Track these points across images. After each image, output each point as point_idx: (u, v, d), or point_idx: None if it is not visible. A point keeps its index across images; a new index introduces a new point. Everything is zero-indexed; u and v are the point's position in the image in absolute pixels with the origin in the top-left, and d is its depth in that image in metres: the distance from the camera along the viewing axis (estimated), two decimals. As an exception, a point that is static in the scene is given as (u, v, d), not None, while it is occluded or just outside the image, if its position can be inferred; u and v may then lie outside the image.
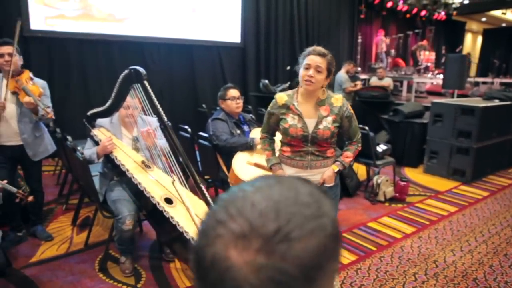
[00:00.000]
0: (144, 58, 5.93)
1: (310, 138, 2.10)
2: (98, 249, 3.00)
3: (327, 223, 0.45)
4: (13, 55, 2.73)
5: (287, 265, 0.41)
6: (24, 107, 2.76)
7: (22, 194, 2.04)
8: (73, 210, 3.64)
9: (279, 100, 2.17)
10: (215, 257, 0.43)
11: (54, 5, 5.16)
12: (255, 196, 0.45)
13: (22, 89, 2.67)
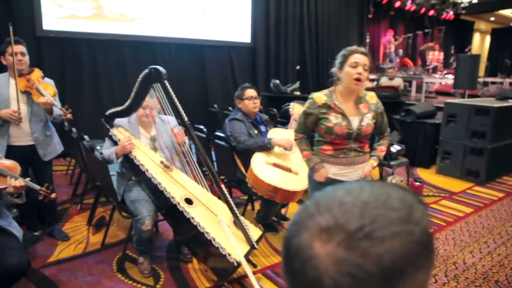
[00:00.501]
0: (155, 58, 5.92)
1: (354, 135, 2.18)
2: (114, 249, 3.00)
3: (415, 229, 0.46)
4: (25, 53, 2.72)
5: (366, 262, 0.43)
6: (35, 106, 2.74)
7: (45, 192, 2.03)
8: (87, 210, 3.65)
9: (318, 100, 2.19)
10: (300, 246, 0.46)
11: (66, 5, 5.17)
12: (345, 196, 0.48)
13: (36, 88, 2.65)
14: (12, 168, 2.06)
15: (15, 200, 2.06)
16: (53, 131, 2.98)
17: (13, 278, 2.06)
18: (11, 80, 2.72)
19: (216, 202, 2.58)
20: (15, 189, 1.98)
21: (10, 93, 2.70)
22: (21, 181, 1.98)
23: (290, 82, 6.72)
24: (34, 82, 2.66)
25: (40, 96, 2.63)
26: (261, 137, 3.08)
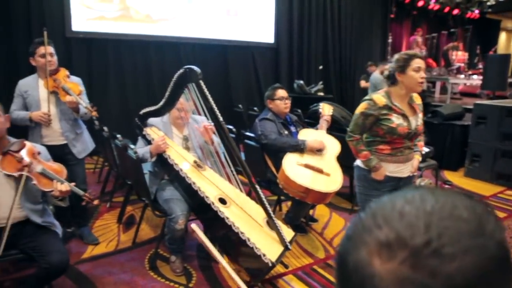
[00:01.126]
0: (180, 58, 5.97)
1: (412, 134, 2.29)
2: (145, 247, 3.03)
3: (489, 244, 0.40)
4: (54, 54, 2.77)
5: (435, 283, 0.38)
6: (63, 106, 2.77)
7: (88, 198, 2.06)
8: (117, 208, 3.70)
9: (379, 102, 2.24)
10: (358, 263, 0.43)
11: (95, 7, 5.26)
12: (405, 206, 0.43)
13: (62, 88, 2.69)
14: (59, 172, 2.10)
15: (59, 203, 2.08)
16: (84, 129, 3.01)
17: (56, 274, 2.10)
18: (39, 81, 2.77)
19: (249, 202, 2.58)
20: (61, 193, 2.01)
21: (40, 94, 2.75)
22: (67, 186, 2.01)
23: (313, 82, 6.69)
24: (60, 82, 2.70)
25: (66, 95, 2.66)
26: (292, 137, 3.06)
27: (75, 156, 2.88)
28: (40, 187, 2.03)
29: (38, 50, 2.69)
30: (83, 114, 2.82)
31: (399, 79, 2.22)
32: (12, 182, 2.06)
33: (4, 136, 2.08)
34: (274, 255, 2.30)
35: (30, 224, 2.12)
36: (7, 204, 2.04)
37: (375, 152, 2.33)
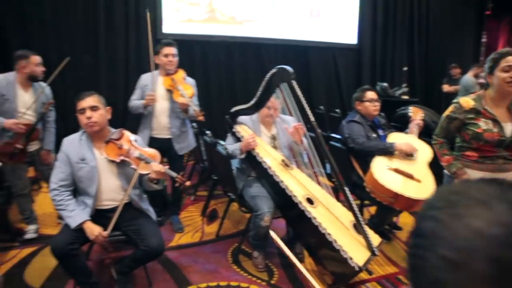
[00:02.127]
0: (262, 59, 6.10)
1: (507, 142, 2.06)
2: (228, 241, 3.13)
3: None
4: (176, 55, 2.98)
5: None
6: (175, 103, 2.98)
7: (181, 179, 2.18)
8: (200, 201, 3.87)
9: (466, 105, 2.12)
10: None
11: (184, 10, 5.57)
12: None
13: (177, 88, 2.88)
14: (153, 156, 2.26)
15: (154, 186, 2.24)
16: (189, 128, 3.21)
17: (152, 257, 2.26)
18: (159, 78, 3.00)
19: (336, 204, 2.54)
20: (156, 175, 2.15)
21: (158, 89, 2.98)
22: (161, 167, 2.15)
23: (397, 85, 6.39)
24: (176, 82, 2.90)
25: (179, 96, 2.85)
26: (380, 140, 2.96)
27: (175, 152, 3.07)
28: (138, 170, 2.19)
29: (162, 50, 2.94)
30: (190, 116, 2.99)
31: (489, 81, 2.08)
32: (114, 167, 2.25)
33: (106, 127, 2.27)
34: (361, 259, 2.24)
35: (131, 208, 2.31)
36: (109, 188, 2.24)
37: (461, 158, 2.20)
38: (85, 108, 2.12)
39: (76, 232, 2.10)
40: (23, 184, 3.01)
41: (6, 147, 2.78)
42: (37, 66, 2.89)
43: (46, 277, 2.57)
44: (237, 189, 2.76)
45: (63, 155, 2.20)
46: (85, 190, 2.20)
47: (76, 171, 2.18)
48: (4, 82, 2.79)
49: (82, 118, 2.14)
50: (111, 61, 5.44)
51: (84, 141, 2.22)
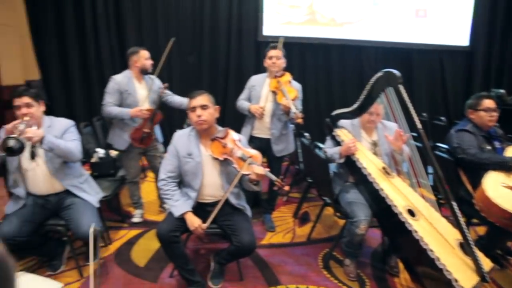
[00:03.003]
0: (361, 62, 5.91)
1: None
2: (319, 245, 3.10)
3: None
4: (280, 58, 3.06)
5: None
6: (278, 106, 3.04)
7: (280, 183, 2.21)
8: (292, 202, 3.91)
9: None
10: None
11: (284, 13, 5.65)
12: None
13: (281, 90, 2.95)
14: (255, 158, 2.32)
15: (253, 187, 2.29)
16: (290, 131, 3.26)
17: (244, 253, 2.34)
18: (267, 80, 3.13)
19: (440, 219, 2.35)
20: (257, 177, 2.21)
21: (263, 91, 3.11)
22: (262, 170, 2.21)
23: (515, 92, 5.67)
24: (281, 85, 2.97)
25: (282, 97, 2.92)
26: (496, 153, 2.67)
27: (273, 153, 3.14)
28: (239, 170, 2.27)
29: (268, 53, 3.07)
30: (290, 118, 3.03)
31: None
32: (217, 165, 2.37)
33: (214, 125, 2.40)
34: (468, 284, 2.04)
35: (228, 204, 2.41)
36: (211, 184, 2.37)
37: None
38: (196, 107, 2.28)
39: (178, 221, 2.27)
40: (135, 172, 3.34)
41: (137, 133, 3.12)
42: (146, 59, 3.16)
43: (149, 257, 2.84)
44: (333, 193, 2.72)
45: (172, 148, 2.39)
46: (189, 183, 2.37)
47: (183, 165, 2.35)
48: (125, 79, 3.13)
49: (193, 116, 2.30)
50: (213, 61, 5.75)
51: (193, 137, 2.38)
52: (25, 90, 2.37)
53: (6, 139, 2.03)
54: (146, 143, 3.16)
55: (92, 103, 5.74)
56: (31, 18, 5.44)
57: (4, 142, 2.02)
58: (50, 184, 2.45)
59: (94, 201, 2.57)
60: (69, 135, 2.50)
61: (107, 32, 5.51)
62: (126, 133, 3.13)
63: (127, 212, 3.59)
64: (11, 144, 2.02)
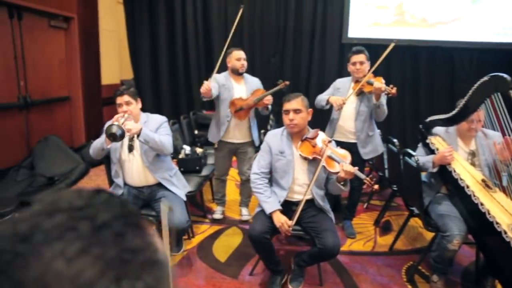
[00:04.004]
0: (453, 64, 5.52)
1: None
2: (402, 257, 2.94)
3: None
4: (364, 62, 2.98)
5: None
6: (362, 107, 2.98)
7: (369, 182, 2.14)
8: (373, 210, 3.77)
9: None
10: None
11: (371, 14, 5.47)
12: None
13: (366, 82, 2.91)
14: (344, 157, 2.30)
15: (341, 187, 2.26)
16: (376, 132, 3.16)
17: (327, 256, 2.31)
18: (351, 84, 3.09)
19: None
20: (345, 174, 2.17)
21: (347, 93, 3.05)
22: (351, 168, 2.16)
23: None
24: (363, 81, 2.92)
25: (370, 86, 2.86)
26: None
27: (360, 156, 3.06)
28: (328, 168, 2.27)
29: (351, 58, 3.03)
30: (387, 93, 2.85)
31: None
32: (306, 164, 2.39)
33: (305, 127, 2.42)
34: None
35: (313, 206, 2.40)
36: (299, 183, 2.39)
37: None
38: (289, 110, 2.32)
39: (269, 222, 2.30)
40: (224, 170, 3.46)
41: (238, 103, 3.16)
42: (237, 60, 3.19)
43: (229, 253, 2.91)
44: (423, 204, 2.56)
45: (266, 145, 2.47)
46: (278, 181, 2.41)
47: (274, 162, 2.41)
48: (223, 77, 3.27)
49: (285, 118, 2.35)
50: (295, 63, 5.76)
51: (285, 136, 2.43)
52: (125, 89, 2.59)
53: (110, 125, 2.25)
54: (240, 116, 3.18)
55: (178, 102, 6.10)
56: (128, 23, 5.94)
57: (108, 127, 2.25)
58: (144, 176, 2.65)
59: (182, 194, 2.72)
60: (162, 129, 2.67)
61: (195, 35, 5.82)
62: (220, 130, 3.24)
63: (208, 207, 3.73)
64: (114, 130, 2.23)
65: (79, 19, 4.97)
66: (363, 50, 3.02)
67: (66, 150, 4.68)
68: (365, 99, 3.00)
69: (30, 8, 4.24)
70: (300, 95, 2.38)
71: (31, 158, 4.33)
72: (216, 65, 3.17)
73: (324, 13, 5.56)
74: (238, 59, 3.21)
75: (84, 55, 5.11)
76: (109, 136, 2.26)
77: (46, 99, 4.67)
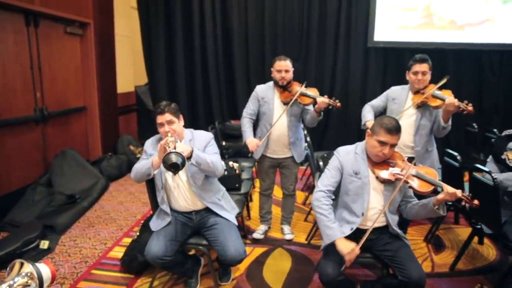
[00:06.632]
0: (481, 68, 5.36)
1: None
2: (466, 278, 2.74)
3: None
4: (426, 73, 2.78)
5: None
6: (423, 121, 2.79)
7: (467, 199, 1.92)
8: (418, 224, 3.57)
9: None
10: None
11: (398, 16, 5.29)
12: None
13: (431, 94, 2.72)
14: (431, 174, 2.07)
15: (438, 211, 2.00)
16: (434, 147, 2.98)
17: (411, 288, 2.07)
18: (410, 94, 2.89)
19: None
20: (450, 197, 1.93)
21: (404, 104, 2.86)
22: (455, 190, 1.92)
23: None
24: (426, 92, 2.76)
25: (436, 100, 2.69)
26: None
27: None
28: (417, 189, 2.03)
29: (412, 67, 2.81)
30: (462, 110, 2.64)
31: None
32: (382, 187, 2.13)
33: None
34: None
35: (387, 232, 2.18)
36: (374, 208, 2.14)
37: None
38: (388, 143, 2.06)
39: (339, 259, 2.03)
40: (268, 185, 3.23)
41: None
42: (277, 72, 2.92)
43: (283, 280, 2.66)
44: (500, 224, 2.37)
45: (337, 163, 2.20)
46: (349, 205, 2.16)
47: (347, 183, 2.16)
48: (265, 87, 3.06)
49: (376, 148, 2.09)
50: (319, 68, 5.56)
51: (360, 156, 2.18)
52: (166, 106, 2.32)
53: (169, 154, 1.99)
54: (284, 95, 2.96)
55: (196, 110, 5.87)
56: (143, 28, 5.70)
57: (167, 157, 1.98)
58: (192, 201, 2.40)
59: (233, 219, 2.48)
60: (210, 148, 2.44)
61: (214, 40, 5.59)
62: (262, 143, 3.02)
63: (246, 226, 3.48)
64: (174, 159, 1.97)
65: (95, 25, 4.72)
66: (427, 59, 2.80)
67: (84, 164, 4.43)
68: (427, 112, 2.79)
69: (47, 14, 3.99)
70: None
71: (49, 174, 4.06)
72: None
73: (348, 16, 5.37)
74: (279, 71, 2.93)
75: (100, 62, 4.87)
76: (169, 167, 1.98)
77: (63, 110, 4.42)
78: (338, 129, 5.65)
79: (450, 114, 2.64)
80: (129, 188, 4.55)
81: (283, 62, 2.92)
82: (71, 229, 3.45)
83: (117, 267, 2.80)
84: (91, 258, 2.95)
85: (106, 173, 4.66)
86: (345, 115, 5.49)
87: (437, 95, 2.67)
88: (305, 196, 4.21)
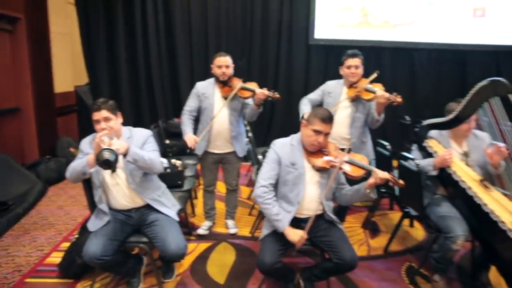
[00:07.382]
0: (413, 64, 5.75)
1: None
2: (398, 258, 2.97)
3: None
4: (359, 67, 2.93)
5: None
6: (357, 114, 2.94)
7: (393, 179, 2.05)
8: (356, 212, 3.78)
9: None
10: None
11: (336, 15, 5.53)
12: None
13: (364, 89, 2.85)
14: (362, 159, 2.23)
15: (370, 195, 2.15)
16: (369, 138, 3.11)
17: (344, 270, 2.23)
18: (344, 88, 3.03)
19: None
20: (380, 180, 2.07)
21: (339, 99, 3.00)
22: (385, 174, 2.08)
23: None
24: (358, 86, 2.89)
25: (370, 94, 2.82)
26: None
27: None
28: (352, 174, 2.16)
29: (346, 62, 2.96)
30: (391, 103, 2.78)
31: None
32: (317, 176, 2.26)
33: None
34: None
35: (322, 219, 2.30)
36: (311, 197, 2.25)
37: None
38: (322, 132, 2.17)
39: (279, 245, 2.16)
40: (210, 181, 3.25)
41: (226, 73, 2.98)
42: (217, 67, 2.97)
43: (227, 273, 2.70)
44: (423, 206, 2.57)
45: (275, 155, 2.27)
46: (287, 195, 2.25)
47: (285, 174, 2.25)
48: (206, 83, 3.09)
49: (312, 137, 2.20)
50: (262, 65, 5.67)
51: (296, 147, 2.28)
52: (103, 103, 2.28)
53: (101, 151, 1.96)
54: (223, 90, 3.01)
55: (140, 109, 5.75)
56: (82, 25, 5.48)
57: (99, 154, 1.95)
58: (131, 199, 2.37)
59: (174, 215, 2.48)
60: (149, 145, 2.42)
61: (156, 36, 5.51)
62: (203, 139, 3.05)
63: (191, 223, 3.50)
64: (107, 156, 1.93)
65: (26, 20, 4.48)
66: (359, 54, 2.96)
67: (18, 168, 4.18)
68: (361, 105, 2.93)
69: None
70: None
71: (-22, 181, 3.81)
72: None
73: (290, 15, 5.52)
74: (219, 67, 2.98)
75: (34, 60, 4.62)
76: (102, 164, 1.94)
77: (-9, 112, 4.15)
78: (282, 125, 5.79)
79: (382, 106, 2.80)
80: (70, 191, 4.37)
81: (223, 58, 2.99)
82: (3, 238, 3.23)
83: (54, 273, 2.68)
84: (25, 266, 2.79)
85: (44, 177, 4.44)
86: (288, 111, 5.64)
87: (369, 89, 2.82)
88: (250, 191, 4.29)
